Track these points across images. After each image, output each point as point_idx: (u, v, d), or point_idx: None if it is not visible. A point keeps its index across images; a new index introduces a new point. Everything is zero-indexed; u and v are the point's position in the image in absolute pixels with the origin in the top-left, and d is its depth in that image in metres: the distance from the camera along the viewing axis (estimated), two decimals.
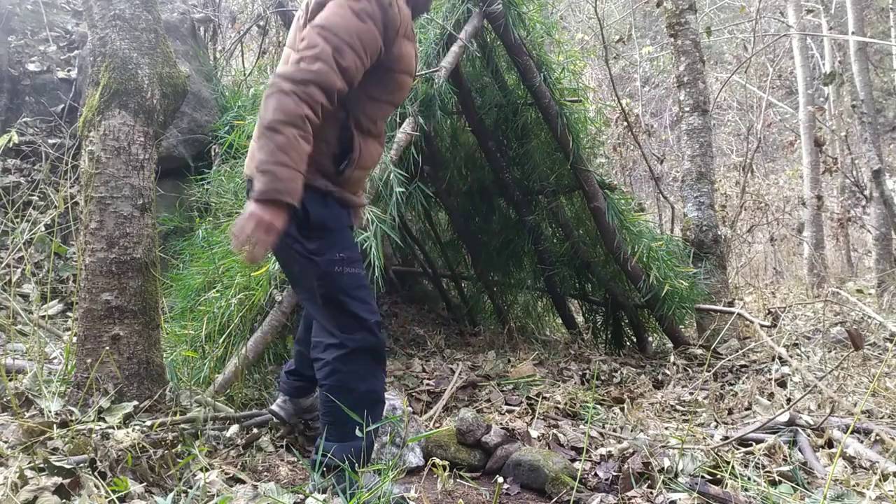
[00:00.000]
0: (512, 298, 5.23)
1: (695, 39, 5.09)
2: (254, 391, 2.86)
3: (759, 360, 4.12)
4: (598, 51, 7.82)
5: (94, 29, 2.30)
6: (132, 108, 2.30)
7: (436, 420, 2.90)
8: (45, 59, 5.14)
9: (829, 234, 10.70)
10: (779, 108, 12.49)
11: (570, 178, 4.37)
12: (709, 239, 4.90)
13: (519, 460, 2.30)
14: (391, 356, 4.06)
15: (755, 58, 9.61)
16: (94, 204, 2.28)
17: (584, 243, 4.65)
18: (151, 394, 2.33)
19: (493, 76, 4.38)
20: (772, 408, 3.04)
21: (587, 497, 2.12)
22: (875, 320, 4.59)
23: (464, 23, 3.71)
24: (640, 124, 8.48)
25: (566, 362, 4.10)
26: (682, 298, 4.27)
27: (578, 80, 4.57)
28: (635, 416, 3.00)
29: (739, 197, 8.07)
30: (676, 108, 6.35)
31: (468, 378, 3.49)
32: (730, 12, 12.92)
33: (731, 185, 9.63)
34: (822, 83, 9.14)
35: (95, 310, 2.27)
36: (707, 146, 5.03)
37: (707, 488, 2.02)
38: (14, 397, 2.23)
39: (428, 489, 2.16)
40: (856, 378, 3.44)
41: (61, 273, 4.29)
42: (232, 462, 2.19)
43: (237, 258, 3.16)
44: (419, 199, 3.55)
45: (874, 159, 6.51)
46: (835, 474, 2.15)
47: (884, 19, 11.58)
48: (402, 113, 3.37)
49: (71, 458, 1.83)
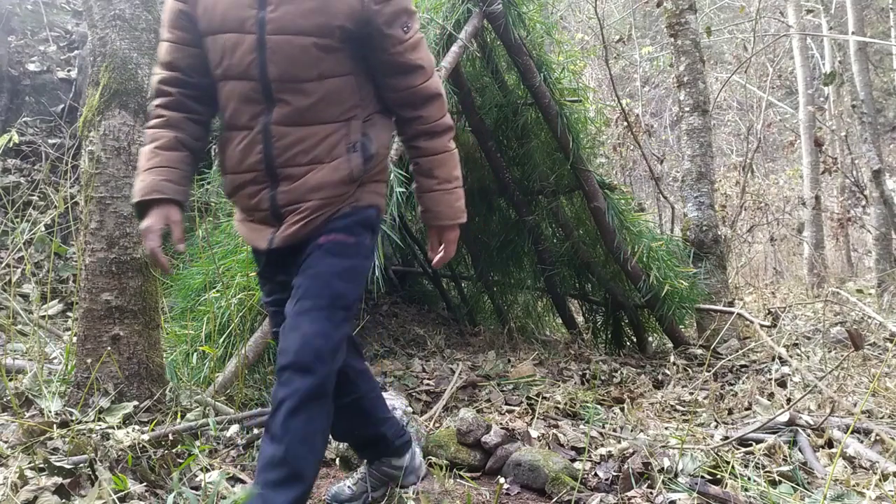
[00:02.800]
0: (512, 298, 5.23)
1: (695, 39, 5.09)
2: (254, 391, 2.86)
3: (759, 360, 4.12)
4: (598, 51, 7.82)
5: (94, 29, 2.30)
6: (132, 108, 2.30)
7: (436, 420, 2.90)
8: (45, 59, 5.14)
9: (829, 234, 10.69)
10: (779, 108, 12.49)
11: (570, 178, 4.37)
12: (709, 239, 4.90)
13: (519, 460, 2.30)
14: (391, 356, 4.06)
15: (755, 58, 9.60)
16: (94, 204, 2.29)
17: (584, 243, 4.65)
18: (151, 394, 2.33)
19: (493, 76, 4.38)
20: (772, 408, 3.04)
21: (587, 497, 2.12)
22: (875, 320, 4.59)
23: (464, 23, 3.71)
24: (640, 124, 8.47)
25: (566, 362, 4.10)
26: (682, 298, 4.27)
27: (578, 80, 4.58)
28: (635, 416, 3.00)
29: (739, 197, 8.07)
30: (676, 108, 6.35)
31: (468, 378, 3.48)
32: (730, 12, 12.91)
33: (731, 185, 9.62)
34: (822, 83, 9.13)
35: (95, 310, 2.27)
36: (707, 146, 5.03)
37: (707, 488, 2.02)
38: (14, 397, 2.23)
39: (428, 489, 2.16)
40: (856, 378, 3.44)
41: (61, 273, 4.29)
42: (232, 462, 2.19)
43: (237, 258, 3.16)
44: None
45: (874, 159, 6.51)
46: (835, 474, 2.15)
47: (884, 19, 11.58)
48: None
49: (71, 458, 1.83)
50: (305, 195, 1.56)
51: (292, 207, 1.57)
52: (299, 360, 1.46)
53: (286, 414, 1.44)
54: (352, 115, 1.59)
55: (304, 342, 1.47)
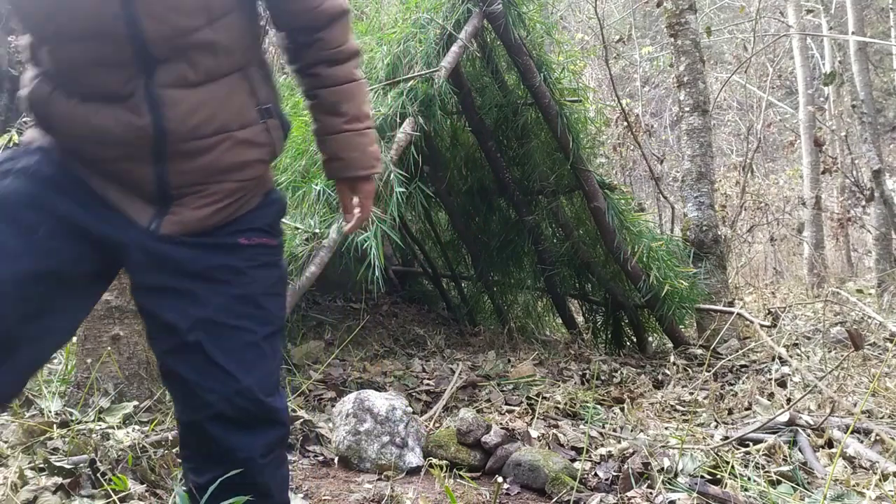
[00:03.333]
0: (512, 298, 5.23)
1: (695, 39, 5.09)
2: None
3: (759, 360, 4.12)
4: (598, 51, 7.82)
5: None
6: None
7: (436, 420, 2.90)
8: None
9: (829, 234, 10.70)
10: (779, 108, 12.49)
11: (570, 178, 4.37)
12: (709, 239, 4.90)
13: (519, 460, 2.30)
14: (391, 356, 4.06)
15: (755, 58, 9.60)
16: None
17: (584, 243, 4.65)
18: (151, 394, 2.33)
19: (493, 76, 4.38)
20: (772, 408, 3.04)
21: (587, 497, 2.12)
22: (875, 320, 4.59)
23: (464, 23, 3.71)
24: (640, 124, 8.47)
25: (566, 362, 4.11)
26: (682, 298, 4.27)
27: (578, 80, 4.58)
28: (635, 416, 3.00)
29: (739, 197, 8.07)
30: (676, 108, 6.35)
31: (468, 378, 3.49)
32: (730, 12, 12.92)
33: (731, 185, 9.62)
34: (822, 83, 9.14)
35: (95, 310, 2.27)
36: (707, 146, 5.03)
37: (707, 488, 2.02)
38: None
39: (427, 489, 2.16)
40: (856, 378, 3.44)
41: None
42: None
43: None
44: (419, 199, 3.54)
45: (874, 159, 6.51)
46: (835, 474, 2.15)
47: (884, 19, 11.58)
48: (403, 113, 3.38)
49: (71, 458, 1.83)
50: (212, 176, 1.22)
51: (191, 190, 1.21)
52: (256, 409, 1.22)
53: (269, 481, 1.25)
54: (246, 61, 1.25)
55: (259, 383, 1.21)
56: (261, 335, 1.23)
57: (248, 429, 1.20)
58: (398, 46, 3.63)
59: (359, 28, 4.18)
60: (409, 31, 3.68)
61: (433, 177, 4.59)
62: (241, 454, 1.20)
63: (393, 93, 3.44)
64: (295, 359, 3.47)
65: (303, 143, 3.39)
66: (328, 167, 1.41)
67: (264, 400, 1.21)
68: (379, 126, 3.30)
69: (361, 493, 2.08)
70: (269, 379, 1.24)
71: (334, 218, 3.05)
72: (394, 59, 3.59)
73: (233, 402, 1.18)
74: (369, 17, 4.35)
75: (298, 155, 3.37)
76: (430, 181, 4.51)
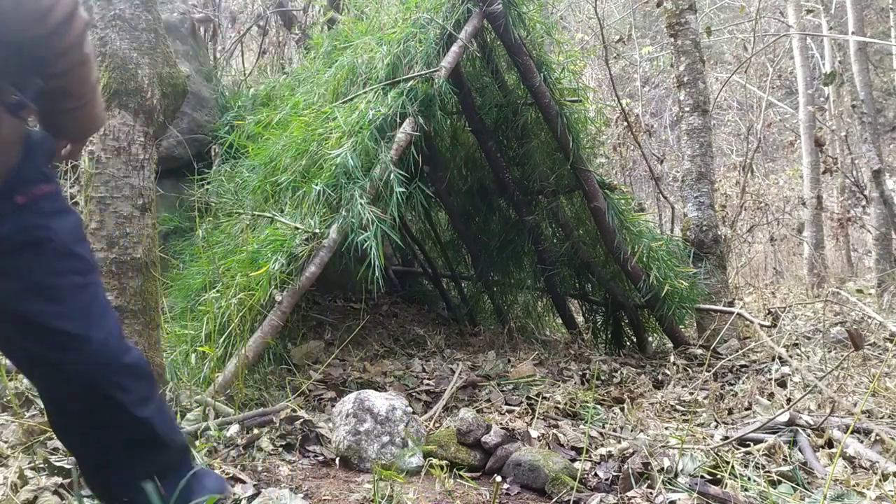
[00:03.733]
0: (512, 298, 5.23)
1: (695, 39, 5.09)
2: (254, 391, 2.86)
3: (759, 360, 4.12)
4: (598, 51, 7.82)
5: (93, 29, 2.30)
6: (132, 108, 2.30)
7: (436, 420, 2.90)
8: None
9: (829, 234, 10.70)
10: (779, 108, 12.49)
11: (570, 178, 4.37)
12: (709, 239, 4.90)
13: (519, 460, 2.30)
14: (391, 356, 4.06)
15: (755, 58, 9.60)
16: (94, 204, 2.29)
17: (584, 243, 4.65)
18: None
19: (493, 76, 4.38)
20: (772, 408, 3.04)
21: (587, 497, 2.12)
22: (875, 320, 4.59)
23: (464, 23, 3.71)
24: (640, 124, 8.47)
25: (566, 362, 4.11)
26: (682, 298, 4.27)
27: (578, 80, 4.58)
28: (635, 416, 3.00)
29: (739, 197, 8.07)
30: (676, 108, 6.35)
31: (468, 378, 3.49)
32: (730, 12, 12.91)
33: (731, 185, 9.62)
34: (822, 83, 9.13)
35: None
36: (707, 146, 5.03)
37: (707, 488, 2.02)
38: (14, 397, 2.23)
39: (427, 489, 2.16)
40: (856, 378, 3.44)
41: None
42: (232, 462, 2.19)
43: (237, 258, 3.16)
44: (419, 199, 3.54)
45: (874, 159, 6.51)
46: (835, 474, 2.15)
47: (884, 19, 11.57)
48: (403, 113, 3.37)
49: (71, 458, 1.83)
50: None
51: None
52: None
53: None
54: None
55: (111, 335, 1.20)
56: (89, 281, 1.15)
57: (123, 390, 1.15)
58: (398, 46, 3.63)
59: (359, 28, 4.19)
60: (409, 31, 3.68)
61: (433, 177, 4.59)
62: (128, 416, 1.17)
63: (393, 93, 3.44)
64: (295, 359, 3.47)
65: (303, 144, 3.39)
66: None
67: (122, 359, 1.16)
68: (379, 126, 3.30)
69: (361, 493, 2.07)
70: (118, 329, 1.18)
71: (334, 218, 3.05)
72: (394, 59, 3.59)
73: (90, 367, 1.11)
74: (369, 17, 4.35)
75: (298, 155, 3.38)
76: (430, 181, 4.51)
